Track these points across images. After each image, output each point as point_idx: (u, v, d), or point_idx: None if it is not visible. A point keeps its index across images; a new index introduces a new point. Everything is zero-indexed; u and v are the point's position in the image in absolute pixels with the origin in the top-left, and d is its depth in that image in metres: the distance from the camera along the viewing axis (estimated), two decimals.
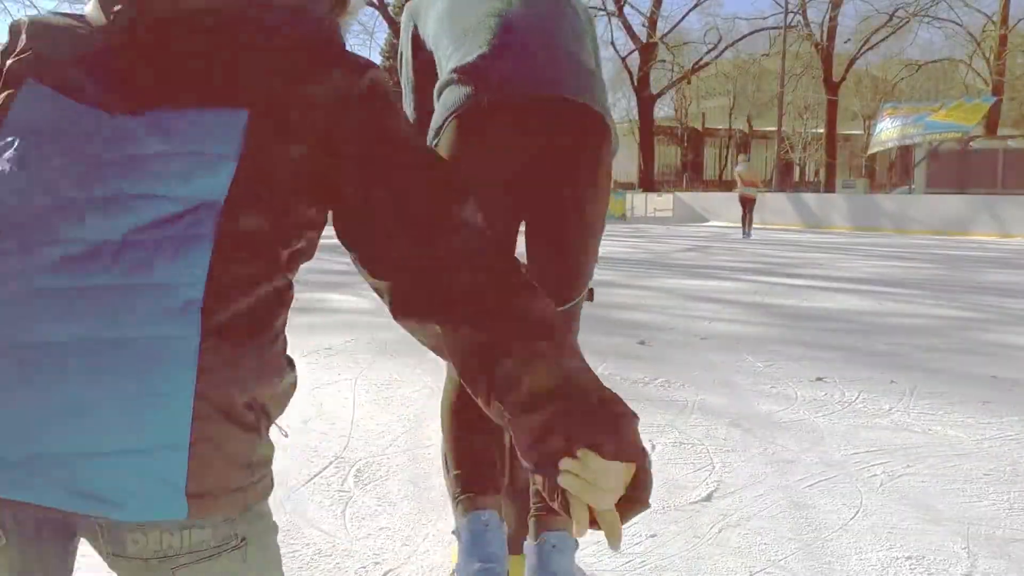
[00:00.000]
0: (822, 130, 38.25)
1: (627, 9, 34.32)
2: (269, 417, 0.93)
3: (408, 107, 2.10)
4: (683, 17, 37.02)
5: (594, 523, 0.87)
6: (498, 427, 1.62)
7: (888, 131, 24.94)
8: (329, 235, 1.01)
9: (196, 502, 0.84)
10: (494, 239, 0.98)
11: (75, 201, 0.85)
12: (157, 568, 0.87)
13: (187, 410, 0.82)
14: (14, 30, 0.98)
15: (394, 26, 30.40)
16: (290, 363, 0.96)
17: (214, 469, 0.85)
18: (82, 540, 0.95)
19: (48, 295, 0.81)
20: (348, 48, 1.04)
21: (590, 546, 2.39)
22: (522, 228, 1.93)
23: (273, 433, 0.96)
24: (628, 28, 34.49)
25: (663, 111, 44.30)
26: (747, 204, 18.42)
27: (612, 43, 35.33)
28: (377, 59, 40.97)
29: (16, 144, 0.88)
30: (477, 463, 1.78)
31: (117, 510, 0.83)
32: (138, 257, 0.83)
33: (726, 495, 2.77)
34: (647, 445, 3.36)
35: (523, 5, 1.85)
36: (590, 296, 2.21)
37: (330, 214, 1.02)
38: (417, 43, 2.01)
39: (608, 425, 0.88)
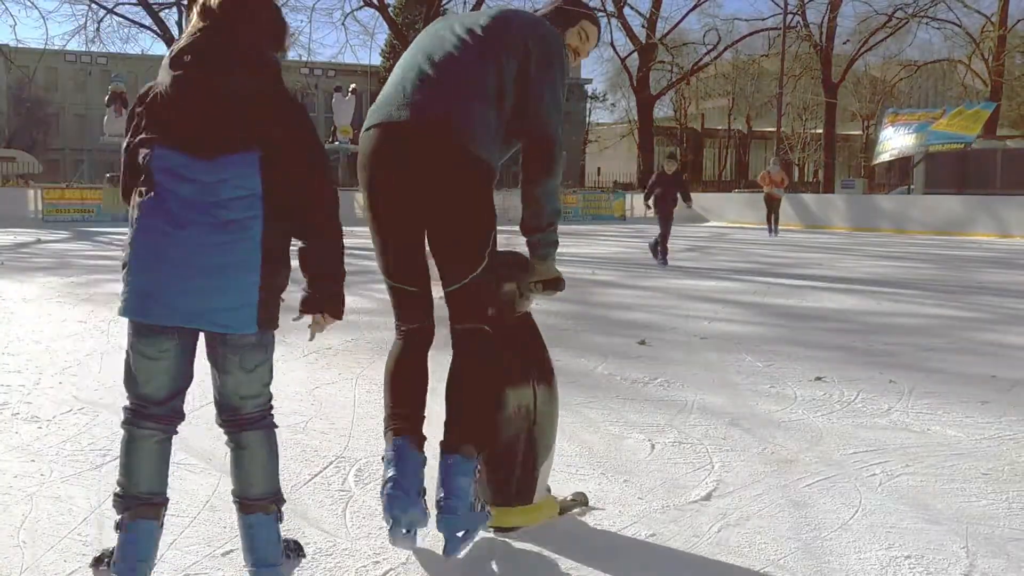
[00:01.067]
0: (821, 130, 38.26)
1: (627, 10, 34.36)
2: (281, 293, 2.01)
3: None
4: (682, 18, 37.00)
5: None
6: (423, 380, 2.40)
7: (890, 141, 25.18)
8: None
9: (260, 325, 1.94)
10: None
11: (202, 203, 1.88)
12: (231, 348, 1.97)
13: (256, 288, 1.90)
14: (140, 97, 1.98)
15: (394, 27, 30.39)
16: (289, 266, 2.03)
17: (267, 312, 1.95)
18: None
19: (204, 247, 1.86)
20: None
21: (590, 547, 2.40)
22: None
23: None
24: (628, 29, 34.50)
25: (662, 112, 44.39)
26: (773, 204, 18.44)
27: (612, 44, 35.41)
28: (377, 59, 40.94)
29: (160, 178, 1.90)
30: (403, 406, 2.34)
31: (229, 328, 1.91)
32: (235, 224, 1.88)
33: (725, 495, 2.78)
34: (647, 445, 3.36)
35: (444, 58, 2.31)
36: (561, 286, 2.51)
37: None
38: None
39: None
